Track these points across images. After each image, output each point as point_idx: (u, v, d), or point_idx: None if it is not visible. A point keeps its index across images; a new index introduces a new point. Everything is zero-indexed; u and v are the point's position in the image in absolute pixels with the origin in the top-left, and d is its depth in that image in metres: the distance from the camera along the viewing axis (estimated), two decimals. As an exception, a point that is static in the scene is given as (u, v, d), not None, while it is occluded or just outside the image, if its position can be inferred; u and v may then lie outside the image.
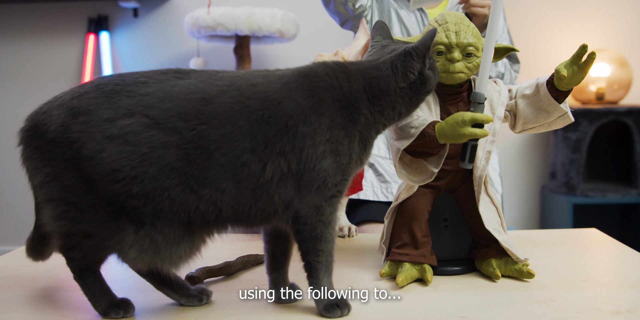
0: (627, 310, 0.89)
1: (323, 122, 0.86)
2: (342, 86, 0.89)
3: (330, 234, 0.88)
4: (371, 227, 1.70)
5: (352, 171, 0.90)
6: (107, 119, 0.82)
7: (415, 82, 0.91)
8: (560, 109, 1.03)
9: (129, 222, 0.84)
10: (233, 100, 0.85)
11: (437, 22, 1.03)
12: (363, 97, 0.89)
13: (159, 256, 0.85)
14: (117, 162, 0.81)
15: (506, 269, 1.05)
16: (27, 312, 0.93)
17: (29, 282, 1.07)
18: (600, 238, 1.33)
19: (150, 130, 0.82)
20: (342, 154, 0.87)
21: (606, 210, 3.16)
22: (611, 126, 2.98)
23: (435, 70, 0.94)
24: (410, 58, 0.91)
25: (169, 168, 0.82)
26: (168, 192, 0.83)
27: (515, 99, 1.06)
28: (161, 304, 0.94)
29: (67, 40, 3.23)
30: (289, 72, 0.90)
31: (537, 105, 1.04)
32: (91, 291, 0.90)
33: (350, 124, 0.88)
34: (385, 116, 0.92)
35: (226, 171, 0.83)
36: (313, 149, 0.85)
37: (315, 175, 0.85)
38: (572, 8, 3.17)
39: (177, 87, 0.85)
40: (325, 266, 0.88)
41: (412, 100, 0.92)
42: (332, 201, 0.87)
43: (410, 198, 1.06)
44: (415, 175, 1.03)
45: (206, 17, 2.61)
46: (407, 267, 1.03)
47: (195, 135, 0.83)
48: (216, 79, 0.87)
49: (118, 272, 1.13)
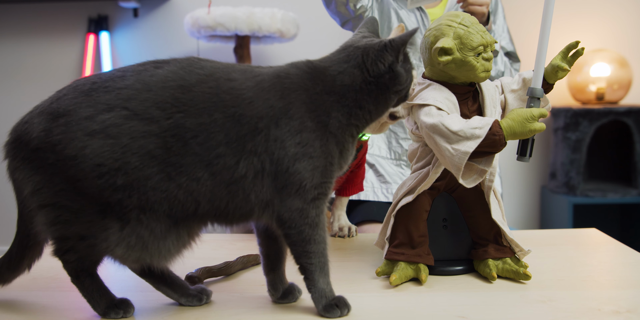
0: (627, 310, 0.89)
1: (292, 126, 0.85)
2: (310, 88, 0.88)
3: (320, 235, 0.87)
4: (371, 227, 1.70)
5: (333, 174, 0.89)
6: (87, 117, 0.83)
7: (384, 76, 0.89)
8: (546, 100, 1.05)
9: (115, 220, 0.84)
10: (211, 91, 0.85)
11: (463, 24, 1.01)
12: (330, 98, 0.88)
13: (147, 252, 0.85)
14: (100, 156, 0.82)
15: (503, 270, 1.05)
16: (27, 312, 0.93)
17: (29, 282, 1.07)
18: (600, 238, 1.33)
19: (130, 122, 0.83)
20: (315, 156, 0.86)
21: (606, 210, 3.16)
22: (611, 126, 2.98)
23: (409, 72, 0.92)
24: (384, 49, 0.89)
25: (148, 156, 0.82)
26: (150, 181, 0.83)
27: (504, 94, 1.09)
28: (161, 304, 0.94)
29: (67, 40, 3.23)
30: (265, 70, 0.90)
31: (523, 98, 1.08)
32: (89, 293, 0.90)
33: (321, 127, 0.87)
34: (354, 117, 0.89)
35: (201, 161, 0.84)
36: (284, 151, 0.85)
37: (291, 178, 0.85)
38: (572, 8, 3.17)
39: (155, 77, 0.86)
40: (320, 267, 0.88)
41: (379, 98, 0.90)
42: (315, 203, 0.87)
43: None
44: (464, 178, 0.99)
45: (206, 17, 2.61)
46: (402, 266, 1.03)
47: (172, 123, 0.83)
48: (197, 67, 0.88)
49: (118, 272, 1.13)
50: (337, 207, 1.44)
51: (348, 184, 1.42)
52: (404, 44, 0.89)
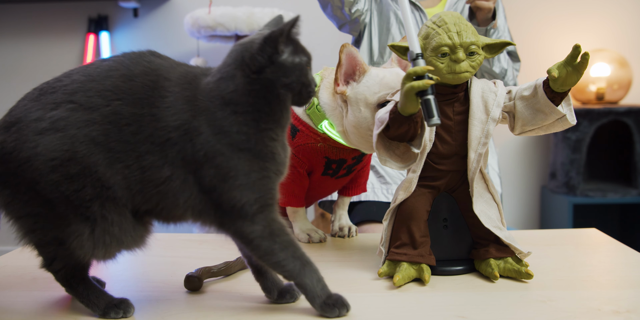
0: (627, 310, 0.89)
1: (206, 149, 0.83)
2: (210, 107, 0.85)
3: (283, 241, 0.86)
4: (371, 227, 1.70)
5: (269, 185, 0.86)
6: (36, 118, 0.84)
7: (265, 70, 0.84)
8: (557, 112, 1.01)
9: (83, 222, 0.85)
10: (150, 84, 0.86)
11: (436, 24, 1.02)
12: (226, 113, 0.84)
13: (123, 244, 0.88)
14: (51, 150, 0.83)
15: (505, 269, 1.05)
16: (27, 312, 0.93)
17: (29, 282, 1.07)
18: (600, 238, 1.33)
19: (76, 113, 0.84)
20: (234, 176, 0.84)
21: (606, 210, 3.16)
22: (611, 126, 2.99)
23: (299, 64, 0.86)
24: (263, 41, 0.84)
25: (93, 144, 0.84)
26: (99, 167, 0.84)
27: (514, 100, 1.06)
28: (161, 304, 0.94)
29: (67, 40, 3.24)
30: (200, 80, 0.87)
31: (535, 107, 1.03)
32: (85, 297, 0.91)
33: (229, 148, 0.84)
34: (263, 121, 0.85)
35: (133, 150, 0.84)
36: (203, 172, 0.84)
37: (220, 198, 0.84)
38: (572, 8, 3.17)
39: (100, 68, 0.87)
40: (299, 270, 0.86)
41: (268, 96, 0.85)
42: (258, 217, 0.85)
43: (409, 198, 1.06)
44: (402, 162, 1.03)
45: (206, 17, 2.61)
46: (404, 267, 1.03)
47: (110, 110, 0.84)
48: (146, 59, 0.88)
49: (118, 272, 1.13)
50: (339, 206, 1.43)
51: (351, 184, 1.41)
52: (282, 34, 0.83)
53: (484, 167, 1.08)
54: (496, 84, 1.08)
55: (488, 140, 1.04)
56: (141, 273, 1.12)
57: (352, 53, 1.19)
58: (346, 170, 1.33)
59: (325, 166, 1.29)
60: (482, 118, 1.05)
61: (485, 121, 1.05)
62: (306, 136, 1.26)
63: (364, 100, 1.18)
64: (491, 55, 1.05)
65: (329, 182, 1.35)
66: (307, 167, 1.30)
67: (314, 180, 1.33)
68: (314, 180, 1.33)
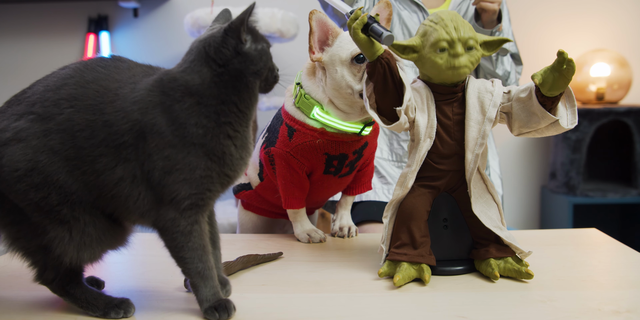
0: (627, 310, 0.89)
1: (158, 142, 0.84)
2: (166, 101, 0.85)
3: (195, 243, 0.87)
4: (371, 227, 1.70)
5: (206, 185, 0.87)
6: (1, 129, 0.86)
7: (232, 61, 0.85)
8: (549, 117, 1.00)
9: (59, 226, 0.86)
10: (101, 90, 0.87)
11: (433, 21, 1.03)
12: (186, 105, 0.85)
13: (104, 243, 0.89)
14: (15, 161, 0.84)
15: (505, 269, 1.05)
16: (27, 312, 0.93)
17: (29, 282, 1.07)
18: (600, 238, 1.33)
19: (36, 124, 0.85)
20: (180, 169, 0.85)
21: (606, 210, 3.16)
22: (611, 126, 2.99)
23: (262, 51, 0.87)
24: (224, 34, 0.85)
25: (52, 152, 0.85)
26: (60, 175, 0.85)
27: (512, 102, 1.06)
28: (161, 305, 0.94)
29: (67, 40, 3.24)
30: (143, 80, 0.88)
31: (531, 110, 1.03)
32: (83, 301, 0.91)
33: (181, 140, 0.84)
34: (223, 114, 0.86)
35: (88, 155, 0.85)
36: (153, 164, 0.85)
37: (163, 190, 0.86)
38: (572, 8, 3.17)
39: (57, 77, 0.89)
40: (196, 272, 0.88)
41: (237, 85, 0.86)
42: (187, 213, 0.87)
43: (409, 198, 1.06)
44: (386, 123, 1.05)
45: (206, 17, 2.61)
46: (405, 267, 1.03)
47: (64, 117, 0.85)
48: (100, 65, 0.89)
49: (118, 272, 1.13)
50: (341, 206, 1.43)
51: (355, 183, 1.40)
52: (242, 23, 0.84)
53: (483, 168, 1.08)
54: (494, 83, 1.07)
55: (485, 141, 1.04)
56: (141, 273, 1.12)
57: (321, 19, 1.22)
58: (349, 168, 1.32)
59: (326, 164, 1.29)
60: (478, 119, 1.05)
61: (481, 122, 1.05)
62: (303, 135, 1.26)
63: (339, 59, 1.21)
64: (489, 52, 1.05)
65: (332, 182, 1.35)
66: (306, 169, 1.30)
67: (316, 180, 1.33)
68: (316, 181, 1.33)
